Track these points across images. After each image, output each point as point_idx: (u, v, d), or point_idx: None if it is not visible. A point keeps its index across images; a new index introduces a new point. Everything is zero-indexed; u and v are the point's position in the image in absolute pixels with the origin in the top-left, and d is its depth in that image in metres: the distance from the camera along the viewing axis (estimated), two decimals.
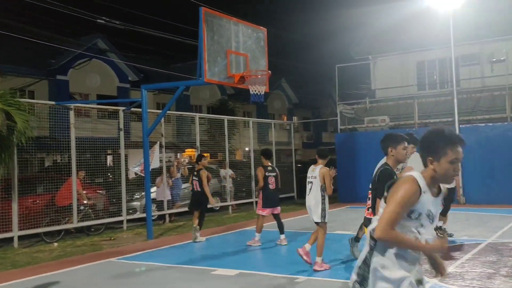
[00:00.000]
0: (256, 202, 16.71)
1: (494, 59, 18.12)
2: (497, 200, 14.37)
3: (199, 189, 10.16)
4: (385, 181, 4.00)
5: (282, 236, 9.43)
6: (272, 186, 9.28)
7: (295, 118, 42.54)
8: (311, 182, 7.39)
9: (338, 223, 12.42)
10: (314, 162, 7.69)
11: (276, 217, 9.47)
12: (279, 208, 9.47)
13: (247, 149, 25.19)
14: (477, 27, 18.12)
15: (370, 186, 5.26)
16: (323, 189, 7.25)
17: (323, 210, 7.26)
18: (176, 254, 9.08)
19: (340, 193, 17.74)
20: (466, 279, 6.44)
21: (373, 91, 20.71)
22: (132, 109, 12.90)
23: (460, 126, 15.26)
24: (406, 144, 4.98)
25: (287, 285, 6.51)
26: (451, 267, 7.11)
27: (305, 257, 7.16)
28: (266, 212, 9.33)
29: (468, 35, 17.80)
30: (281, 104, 41.70)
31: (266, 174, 9.25)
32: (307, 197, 7.47)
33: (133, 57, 27.68)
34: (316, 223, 7.34)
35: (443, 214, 8.54)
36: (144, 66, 25.49)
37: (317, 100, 45.47)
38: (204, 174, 10.11)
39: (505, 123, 15.14)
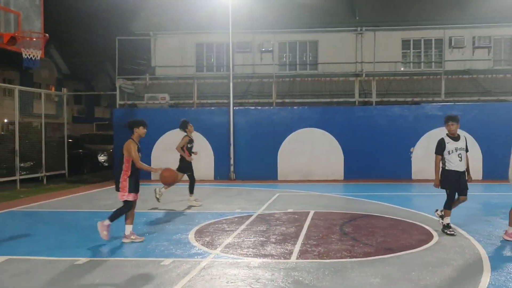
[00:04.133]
0: (21, 179, 15.06)
1: (264, 49, 20.03)
2: (262, 176, 16.08)
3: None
4: None
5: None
6: None
7: (65, 90, 39.41)
8: None
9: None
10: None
11: None
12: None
13: (6, 120, 22.26)
14: (251, 17, 19.71)
15: None
16: None
17: None
18: None
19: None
20: (243, 248, 7.03)
21: (153, 68, 20.63)
22: None
23: (234, 108, 16.47)
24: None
25: (68, 268, 6.03)
26: (229, 238, 7.67)
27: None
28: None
29: (243, 24, 19.21)
30: (50, 74, 38.02)
31: None
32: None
33: None
34: None
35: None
36: None
37: (91, 72, 43.01)
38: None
39: (271, 107, 16.96)
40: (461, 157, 7.77)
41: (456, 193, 7.87)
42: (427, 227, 8.35)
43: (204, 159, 16.62)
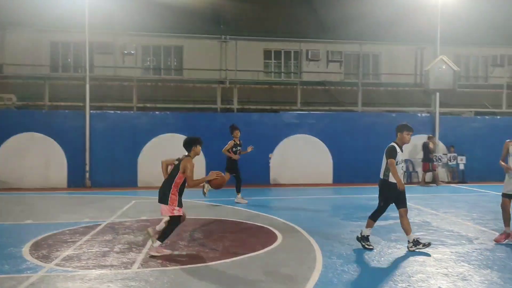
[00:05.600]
0: None
1: (126, 51, 19.34)
2: (121, 183, 15.44)
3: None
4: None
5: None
6: (165, 176, 7.25)
7: None
8: None
9: None
10: None
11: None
12: (161, 206, 7.05)
13: None
14: (112, 18, 18.88)
15: None
16: None
17: None
18: None
19: None
20: (82, 260, 6.61)
21: (0, 65, 18.71)
22: None
23: (91, 111, 15.61)
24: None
25: None
26: (69, 250, 7.16)
27: None
28: None
29: (103, 24, 18.34)
30: None
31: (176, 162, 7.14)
32: None
33: None
34: None
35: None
36: None
37: None
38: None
39: (131, 112, 16.40)
40: (403, 170, 7.31)
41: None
42: (274, 230, 8.68)
43: (55, 166, 15.48)
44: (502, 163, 7.65)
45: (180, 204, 7.00)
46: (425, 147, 16.45)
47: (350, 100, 18.85)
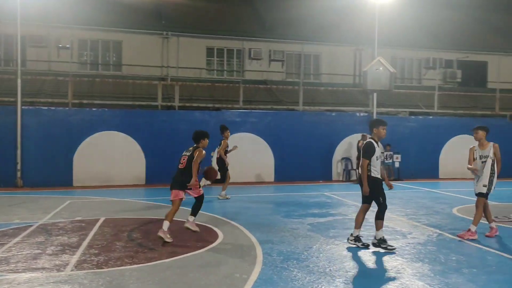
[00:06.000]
0: None
1: (61, 45, 18.54)
2: (55, 182, 14.77)
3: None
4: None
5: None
6: (180, 165, 7.74)
7: None
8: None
9: None
10: None
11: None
12: (174, 191, 7.75)
13: None
14: (46, 9, 18.05)
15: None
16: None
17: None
18: None
19: None
20: (11, 263, 6.24)
21: None
22: None
23: (23, 107, 14.81)
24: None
25: None
26: None
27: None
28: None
29: (37, 15, 17.50)
30: None
31: (183, 154, 7.87)
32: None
33: None
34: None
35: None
36: None
37: None
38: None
39: (67, 108, 15.72)
40: (382, 164, 7.35)
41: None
42: (215, 228, 8.62)
43: None
44: (470, 166, 7.81)
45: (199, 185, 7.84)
46: (358, 146, 16.97)
47: (292, 99, 19.09)
